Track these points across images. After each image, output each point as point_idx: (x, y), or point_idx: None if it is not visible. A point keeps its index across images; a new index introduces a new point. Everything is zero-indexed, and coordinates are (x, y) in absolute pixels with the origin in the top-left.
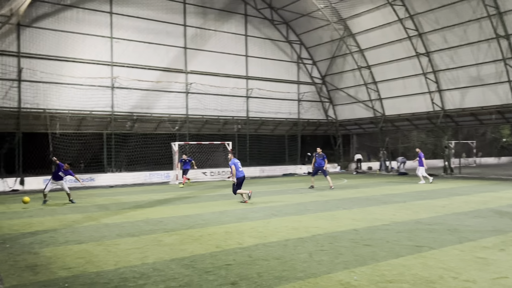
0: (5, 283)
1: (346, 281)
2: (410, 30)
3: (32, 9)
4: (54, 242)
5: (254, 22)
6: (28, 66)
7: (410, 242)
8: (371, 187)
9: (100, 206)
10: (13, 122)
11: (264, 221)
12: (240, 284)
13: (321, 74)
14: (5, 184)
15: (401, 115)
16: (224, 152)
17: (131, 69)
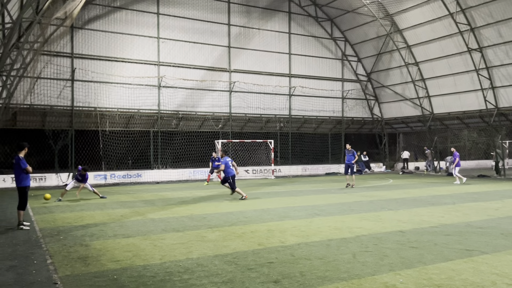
0: (59, 273)
1: (391, 283)
2: (462, 25)
3: (85, 12)
4: (103, 235)
5: (297, 19)
6: (80, 66)
7: (460, 246)
8: (418, 188)
9: (147, 201)
10: (66, 120)
11: (307, 220)
12: (282, 282)
13: (366, 71)
14: (59, 179)
15: (451, 113)
16: (266, 150)
17: (176, 69)
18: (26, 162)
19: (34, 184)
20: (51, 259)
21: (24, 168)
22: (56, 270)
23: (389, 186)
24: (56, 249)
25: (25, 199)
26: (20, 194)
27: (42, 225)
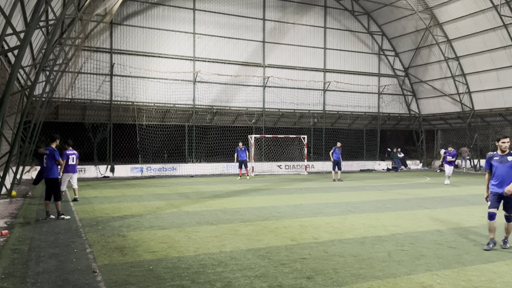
0: (98, 262)
1: (428, 283)
2: (507, 18)
3: (123, 8)
4: (140, 227)
5: (333, 13)
6: (119, 62)
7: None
8: (457, 186)
9: (181, 194)
10: (105, 113)
11: (340, 217)
12: (315, 278)
13: (404, 66)
14: (98, 171)
15: (493, 110)
16: (299, 146)
17: (211, 64)
18: (59, 154)
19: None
20: (90, 248)
21: (57, 160)
22: (95, 259)
23: (426, 184)
24: (95, 239)
25: (59, 190)
26: (54, 186)
27: (82, 215)
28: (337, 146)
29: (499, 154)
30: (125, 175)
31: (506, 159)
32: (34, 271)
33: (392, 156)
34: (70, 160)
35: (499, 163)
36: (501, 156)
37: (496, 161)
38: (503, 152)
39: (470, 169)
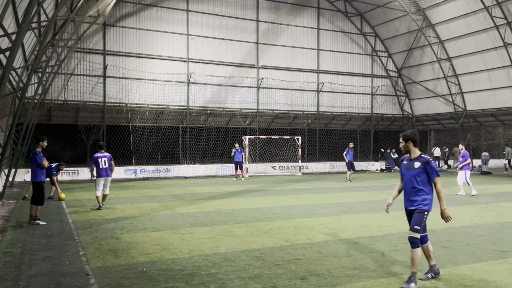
0: (91, 264)
1: (421, 283)
2: (498, 19)
3: (117, 9)
4: (133, 229)
5: (326, 15)
6: (112, 63)
7: (494, 247)
8: (449, 186)
9: (175, 196)
10: (98, 115)
11: (334, 217)
12: (310, 279)
13: (396, 67)
14: (91, 173)
15: (485, 110)
16: (293, 147)
17: (205, 65)
18: (43, 157)
19: (67, 178)
20: (83, 250)
21: (39, 163)
22: (88, 262)
23: None
24: (88, 241)
25: (42, 194)
26: (36, 189)
27: (75, 217)
28: (349, 147)
29: (408, 158)
30: (118, 177)
31: (412, 165)
32: (26, 274)
33: (385, 156)
34: (101, 163)
35: (405, 170)
36: (409, 160)
37: (404, 167)
38: (407, 154)
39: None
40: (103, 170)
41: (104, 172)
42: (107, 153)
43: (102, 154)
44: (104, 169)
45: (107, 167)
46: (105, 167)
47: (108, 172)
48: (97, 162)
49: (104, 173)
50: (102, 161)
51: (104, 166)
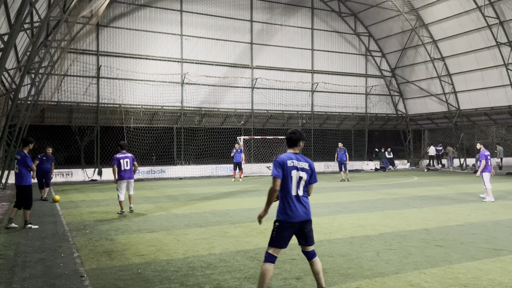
0: (85, 266)
1: (416, 282)
2: (490, 18)
3: (110, 10)
4: (128, 230)
5: (320, 15)
6: (105, 64)
7: (487, 245)
8: (444, 186)
9: (170, 197)
10: (92, 116)
11: (329, 217)
12: (304, 279)
13: (390, 66)
14: (85, 175)
15: (478, 110)
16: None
17: (199, 66)
18: (31, 160)
19: (61, 179)
20: (77, 252)
21: (29, 166)
22: (82, 263)
23: (414, 183)
24: (82, 243)
25: (30, 198)
26: (24, 193)
27: (69, 219)
28: (338, 147)
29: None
30: (113, 178)
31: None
32: (20, 277)
33: (380, 156)
34: (123, 164)
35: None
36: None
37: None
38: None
39: (456, 168)
40: (125, 172)
41: (127, 174)
42: (129, 154)
43: (124, 155)
44: (126, 171)
45: (130, 168)
46: (127, 169)
47: (131, 173)
48: (120, 163)
49: (127, 175)
50: (124, 162)
51: (126, 167)
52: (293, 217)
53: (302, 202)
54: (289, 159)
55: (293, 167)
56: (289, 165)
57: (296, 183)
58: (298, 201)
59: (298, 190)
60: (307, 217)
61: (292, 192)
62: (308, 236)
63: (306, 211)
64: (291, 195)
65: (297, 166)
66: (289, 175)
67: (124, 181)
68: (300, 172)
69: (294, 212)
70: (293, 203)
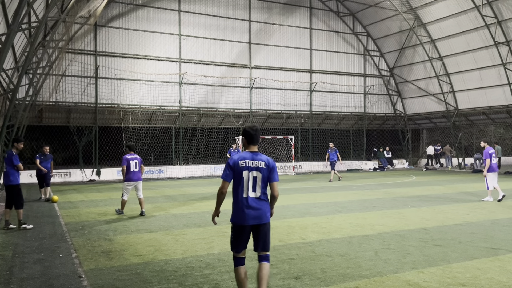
0: (83, 267)
1: (414, 281)
2: (488, 18)
3: (108, 10)
4: (126, 230)
5: (319, 14)
6: (103, 64)
7: (486, 244)
8: (442, 185)
9: (169, 197)
10: (90, 116)
11: (328, 217)
12: (303, 279)
13: (389, 66)
14: (83, 175)
15: (476, 109)
16: (287, 146)
17: (198, 65)
18: (18, 159)
19: (59, 180)
20: (76, 253)
21: (15, 165)
22: (80, 264)
23: (412, 182)
24: (80, 243)
25: (21, 197)
26: (13, 193)
27: (67, 219)
28: (329, 148)
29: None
30: (111, 178)
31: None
32: (18, 277)
33: (378, 155)
34: (132, 166)
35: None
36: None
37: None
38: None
39: (455, 168)
40: (134, 173)
41: (135, 176)
42: (137, 155)
43: (133, 156)
44: (135, 173)
45: (138, 170)
46: (135, 170)
47: (139, 175)
48: (129, 164)
49: (135, 177)
50: (133, 163)
51: (135, 169)
52: (242, 219)
53: (253, 204)
54: (242, 159)
55: (245, 167)
56: (240, 165)
57: (248, 184)
58: (248, 203)
59: (251, 191)
60: (259, 221)
61: (243, 193)
62: (260, 241)
63: (257, 214)
64: (242, 197)
65: (250, 165)
66: (240, 176)
67: (132, 183)
68: (254, 172)
69: (243, 215)
70: (243, 205)
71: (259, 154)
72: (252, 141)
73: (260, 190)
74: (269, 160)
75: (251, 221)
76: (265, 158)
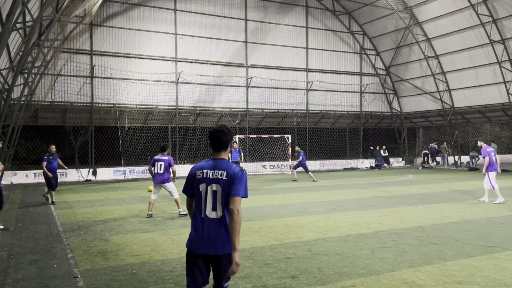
0: (79, 267)
1: (410, 280)
2: (484, 16)
3: (103, 9)
4: (122, 230)
5: (315, 13)
6: (99, 63)
7: (481, 242)
8: (439, 183)
9: (165, 196)
10: (86, 116)
11: (324, 215)
12: (300, 278)
13: (385, 65)
14: (79, 175)
15: (472, 107)
16: (283, 145)
17: (194, 65)
18: None
19: None
20: (71, 253)
21: None
22: (76, 264)
23: (409, 181)
24: (76, 244)
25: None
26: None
27: (63, 220)
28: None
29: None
30: (107, 178)
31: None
32: (13, 278)
33: (375, 154)
34: (157, 167)
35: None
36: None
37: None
38: None
39: (451, 166)
40: (157, 175)
41: (158, 178)
42: (167, 156)
43: (161, 157)
44: (158, 174)
45: (163, 172)
46: (160, 172)
47: (163, 177)
48: (154, 165)
49: (158, 179)
50: (158, 165)
51: (159, 170)
52: (194, 245)
53: (209, 227)
54: (199, 169)
55: (202, 179)
56: (197, 177)
57: (206, 200)
58: (203, 225)
59: (211, 210)
60: (213, 250)
61: (201, 213)
62: (218, 276)
63: (212, 241)
64: (196, 217)
65: (209, 177)
66: (197, 190)
67: (156, 184)
68: (214, 185)
69: (195, 240)
70: (196, 227)
71: (224, 162)
72: (215, 145)
73: (222, 209)
74: (234, 169)
75: (203, 248)
76: (229, 166)
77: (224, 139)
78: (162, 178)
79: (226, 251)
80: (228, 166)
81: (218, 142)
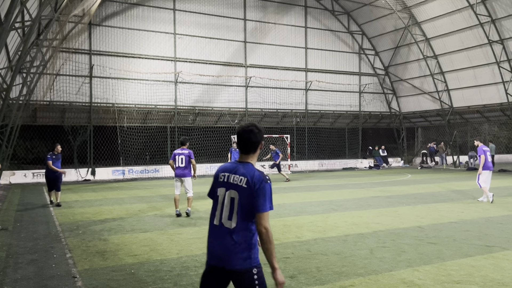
0: (78, 267)
1: (409, 279)
2: (482, 16)
3: (102, 9)
4: (121, 230)
5: (314, 13)
6: (98, 63)
7: (480, 242)
8: (437, 183)
9: (164, 196)
10: (85, 116)
11: (323, 215)
12: (298, 277)
13: (384, 65)
14: (78, 174)
15: (470, 107)
16: (282, 145)
17: (193, 64)
18: None
19: None
20: (70, 253)
21: None
22: (75, 264)
23: (407, 181)
24: (75, 244)
25: None
26: None
27: (62, 219)
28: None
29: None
30: (106, 178)
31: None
32: (12, 278)
33: (373, 154)
34: (178, 161)
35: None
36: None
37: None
38: None
39: (450, 165)
40: (178, 169)
41: (179, 172)
42: (187, 150)
43: (181, 151)
44: (179, 168)
45: (184, 165)
46: (181, 166)
47: (184, 171)
48: (175, 159)
49: (179, 173)
50: (179, 159)
51: (180, 164)
52: (208, 254)
53: (222, 237)
54: (222, 171)
55: (223, 182)
56: (219, 180)
57: (223, 207)
58: (218, 234)
59: (226, 219)
60: (222, 263)
61: (214, 220)
62: None
63: (222, 253)
64: (212, 224)
65: (230, 181)
66: (216, 194)
67: (177, 178)
68: (232, 191)
69: (208, 248)
70: (210, 234)
71: (248, 166)
72: (243, 147)
73: (237, 219)
74: (256, 177)
75: (214, 260)
76: (251, 173)
77: (254, 140)
78: (183, 171)
79: (234, 266)
80: (250, 172)
81: (246, 143)
